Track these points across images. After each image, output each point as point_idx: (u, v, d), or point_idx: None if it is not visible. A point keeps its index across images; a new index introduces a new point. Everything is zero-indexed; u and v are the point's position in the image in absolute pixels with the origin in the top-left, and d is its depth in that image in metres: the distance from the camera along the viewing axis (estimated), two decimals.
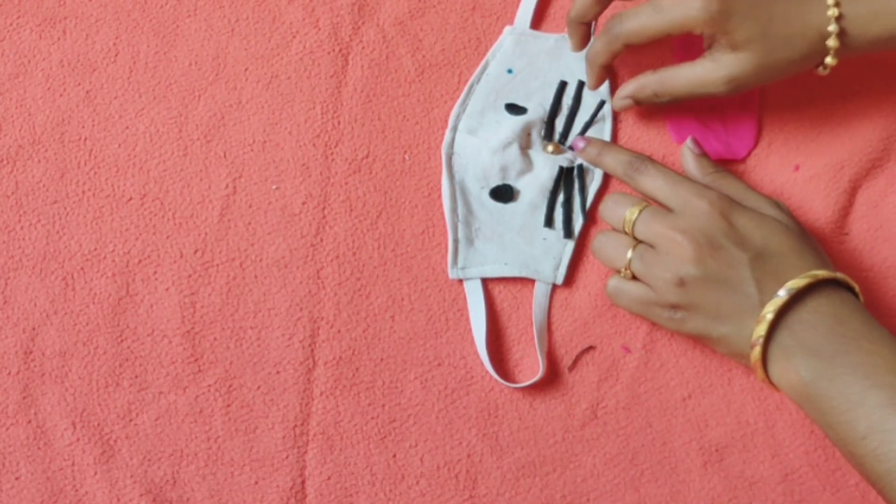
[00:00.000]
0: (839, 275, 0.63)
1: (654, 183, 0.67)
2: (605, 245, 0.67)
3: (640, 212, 0.66)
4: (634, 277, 0.66)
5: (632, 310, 0.67)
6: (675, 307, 0.65)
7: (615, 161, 0.69)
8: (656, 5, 0.66)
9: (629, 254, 0.65)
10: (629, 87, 0.70)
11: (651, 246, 0.65)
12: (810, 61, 0.67)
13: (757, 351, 0.62)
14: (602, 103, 0.73)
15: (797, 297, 0.62)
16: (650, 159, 0.68)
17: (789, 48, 0.65)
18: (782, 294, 0.61)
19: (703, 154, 0.69)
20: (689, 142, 0.69)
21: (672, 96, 0.69)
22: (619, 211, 0.67)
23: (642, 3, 0.67)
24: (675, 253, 0.64)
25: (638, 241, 0.66)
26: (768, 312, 0.61)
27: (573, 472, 0.68)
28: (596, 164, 0.71)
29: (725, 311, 0.63)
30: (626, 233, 0.67)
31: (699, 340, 0.67)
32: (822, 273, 0.62)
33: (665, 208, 0.66)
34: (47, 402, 0.67)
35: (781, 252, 0.63)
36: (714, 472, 0.68)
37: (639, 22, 0.66)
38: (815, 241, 0.66)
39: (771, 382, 0.63)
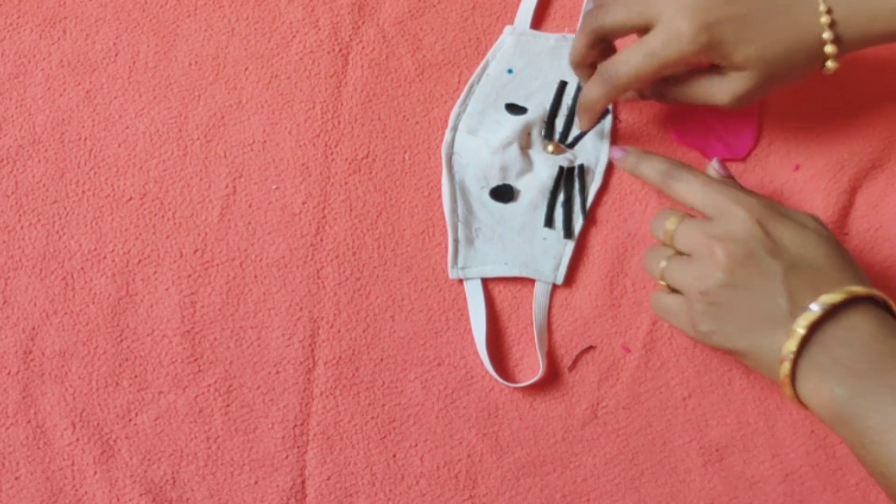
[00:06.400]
0: (876, 292, 0.60)
1: (689, 189, 0.64)
2: (648, 258, 0.66)
3: (680, 222, 0.64)
4: (674, 290, 0.64)
5: (671, 323, 0.65)
6: (703, 315, 0.62)
7: (652, 170, 0.67)
8: (647, 49, 0.65)
9: (663, 263, 0.64)
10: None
11: (689, 255, 0.63)
12: (813, 66, 0.66)
13: (786, 366, 0.59)
14: None
15: (831, 313, 0.58)
16: (688, 167, 0.66)
17: (789, 61, 0.65)
18: (815, 309, 0.58)
19: (729, 176, 0.67)
20: (714, 163, 0.68)
21: (677, 102, 0.69)
22: (662, 224, 0.65)
23: (630, 45, 0.66)
24: (706, 261, 0.62)
25: (678, 253, 0.64)
26: (799, 327, 0.58)
27: (573, 472, 0.68)
28: (634, 173, 0.69)
29: (753, 323, 0.60)
30: (668, 245, 0.65)
31: (728, 354, 0.64)
32: (858, 289, 0.59)
33: (705, 217, 0.64)
34: (47, 402, 0.67)
35: (818, 265, 0.60)
36: (714, 471, 0.68)
37: (633, 68, 0.65)
38: (851, 257, 0.63)
39: (799, 400, 0.60)
